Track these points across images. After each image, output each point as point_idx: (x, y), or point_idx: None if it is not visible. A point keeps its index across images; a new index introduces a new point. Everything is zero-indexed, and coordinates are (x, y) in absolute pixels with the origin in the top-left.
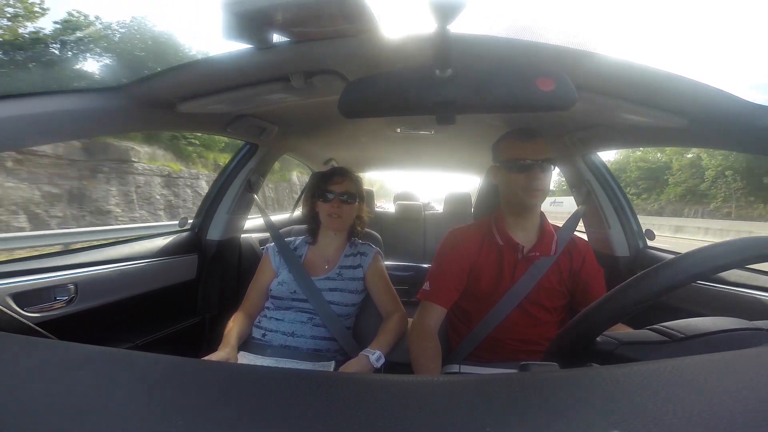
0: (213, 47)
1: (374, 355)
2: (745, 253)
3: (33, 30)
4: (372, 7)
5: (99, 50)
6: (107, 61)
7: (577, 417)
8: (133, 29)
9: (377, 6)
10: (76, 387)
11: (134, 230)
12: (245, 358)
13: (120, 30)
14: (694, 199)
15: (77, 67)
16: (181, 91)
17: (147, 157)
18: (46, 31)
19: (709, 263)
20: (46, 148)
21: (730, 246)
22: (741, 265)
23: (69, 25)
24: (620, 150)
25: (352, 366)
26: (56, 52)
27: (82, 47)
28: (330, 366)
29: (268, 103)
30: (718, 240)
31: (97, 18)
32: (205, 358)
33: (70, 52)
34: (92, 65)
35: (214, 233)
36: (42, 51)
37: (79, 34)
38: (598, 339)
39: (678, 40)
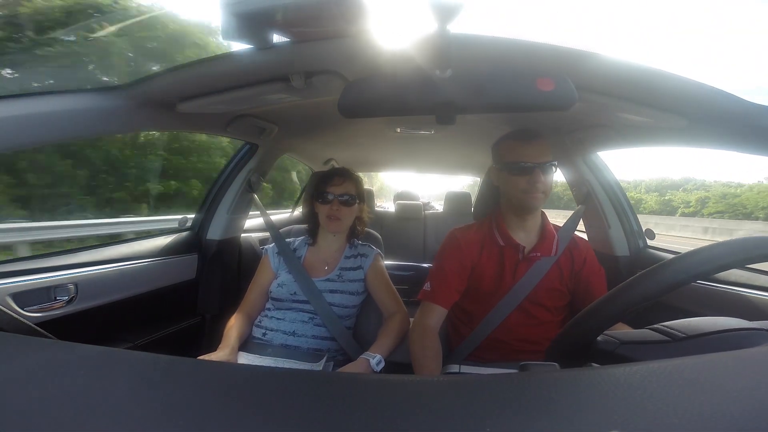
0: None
1: (374, 360)
2: (746, 253)
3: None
4: (372, 8)
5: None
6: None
7: (577, 417)
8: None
9: (377, 6)
10: (76, 387)
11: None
12: (245, 359)
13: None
14: None
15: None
16: (181, 91)
17: None
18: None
19: (710, 263)
20: None
21: (730, 246)
22: (741, 264)
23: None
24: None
25: (351, 370)
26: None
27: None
28: (321, 363)
29: (268, 103)
30: None
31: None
32: (205, 357)
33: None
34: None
35: (214, 233)
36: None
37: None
38: (599, 338)
39: (678, 41)
